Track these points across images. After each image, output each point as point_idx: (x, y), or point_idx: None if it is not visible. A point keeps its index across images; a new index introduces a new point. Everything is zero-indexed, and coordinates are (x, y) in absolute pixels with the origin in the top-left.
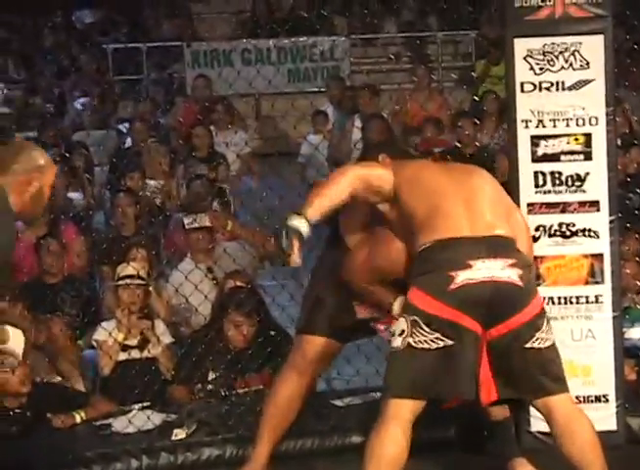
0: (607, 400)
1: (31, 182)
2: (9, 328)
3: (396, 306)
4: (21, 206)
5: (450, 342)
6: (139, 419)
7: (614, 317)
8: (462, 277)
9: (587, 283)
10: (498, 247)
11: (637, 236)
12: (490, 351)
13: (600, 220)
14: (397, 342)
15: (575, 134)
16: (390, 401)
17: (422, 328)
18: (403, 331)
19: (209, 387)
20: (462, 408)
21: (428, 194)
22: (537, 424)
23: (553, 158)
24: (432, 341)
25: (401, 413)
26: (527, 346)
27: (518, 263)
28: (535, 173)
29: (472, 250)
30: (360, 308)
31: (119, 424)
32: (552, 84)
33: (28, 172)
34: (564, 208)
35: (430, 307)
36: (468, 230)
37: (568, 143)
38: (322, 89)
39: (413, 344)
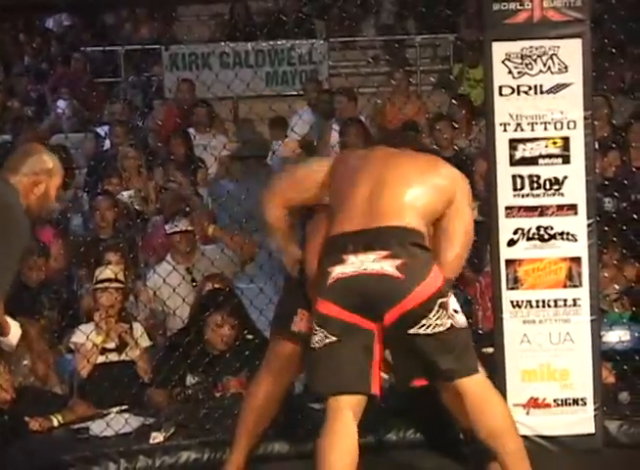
0: (585, 404)
1: (38, 184)
2: (9, 320)
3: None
4: (25, 206)
5: (334, 338)
6: (117, 422)
7: (592, 320)
8: (336, 272)
9: (565, 286)
10: (376, 239)
11: (614, 239)
12: (385, 340)
13: (578, 224)
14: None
15: (554, 138)
16: (329, 400)
17: (315, 328)
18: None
19: (188, 391)
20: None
21: (343, 185)
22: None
23: (531, 161)
24: (319, 340)
25: (339, 407)
26: (412, 332)
27: (395, 254)
28: (514, 177)
29: (348, 244)
30: None
31: (97, 427)
32: (530, 88)
33: (36, 174)
34: (542, 211)
35: (319, 306)
36: (357, 223)
37: (546, 146)
38: (300, 92)
39: (314, 344)
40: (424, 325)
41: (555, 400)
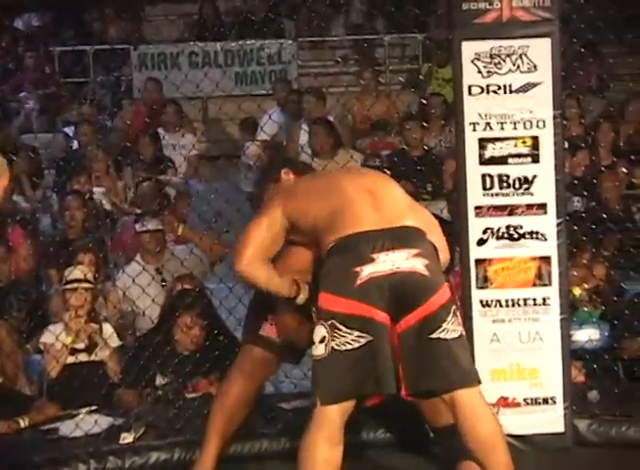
0: (554, 403)
1: None
2: None
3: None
4: None
5: (370, 337)
6: (86, 423)
7: (561, 319)
8: (366, 271)
9: (535, 285)
10: (402, 237)
11: (584, 238)
12: (400, 344)
13: (547, 223)
14: (320, 349)
15: (523, 137)
16: (321, 408)
17: (340, 330)
18: (324, 337)
19: (158, 391)
20: (404, 410)
21: (327, 197)
22: None
23: (500, 160)
24: (353, 340)
25: (332, 417)
26: (433, 336)
27: (423, 253)
28: (483, 176)
29: (374, 243)
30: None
31: (67, 428)
32: (499, 87)
33: None
34: (511, 210)
35: (342, 307)
36: (372, 223)
37: (515, 146)
38: (270, 92)
39: (336, 347)
40: (444, 330)
41: (525, 399)
